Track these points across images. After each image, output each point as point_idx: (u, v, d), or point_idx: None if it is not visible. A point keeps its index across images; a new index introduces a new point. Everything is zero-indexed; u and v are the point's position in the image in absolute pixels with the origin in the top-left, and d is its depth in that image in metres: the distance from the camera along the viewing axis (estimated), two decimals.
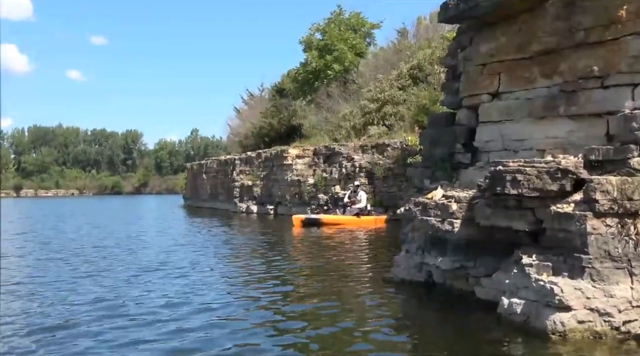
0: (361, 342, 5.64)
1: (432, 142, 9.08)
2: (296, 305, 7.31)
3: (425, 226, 7.68)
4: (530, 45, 7.33)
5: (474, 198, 7.14)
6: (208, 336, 5.74)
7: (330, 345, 5.61)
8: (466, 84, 8.33)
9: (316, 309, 7.04)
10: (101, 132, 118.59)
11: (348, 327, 6.17)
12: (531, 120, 7.34)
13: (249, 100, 45.38)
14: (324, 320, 6.51)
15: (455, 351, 5.40)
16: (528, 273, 5.78)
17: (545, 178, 6.04)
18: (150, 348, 5.38)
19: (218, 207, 34.30)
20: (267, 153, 29.06)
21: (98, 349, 5.33)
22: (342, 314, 6.75)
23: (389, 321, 6.50)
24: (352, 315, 6.74)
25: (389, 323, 6.39)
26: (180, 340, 5.62)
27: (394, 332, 6.10)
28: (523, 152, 7.35)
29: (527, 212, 6.28)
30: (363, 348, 5.43)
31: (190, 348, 5.34)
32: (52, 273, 9.78)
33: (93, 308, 6.95)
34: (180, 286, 8.38)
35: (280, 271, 9.81)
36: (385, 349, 5.45)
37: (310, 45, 34.87)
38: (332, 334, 5.94)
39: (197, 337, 5.71)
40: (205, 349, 5.30)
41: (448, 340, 5.86)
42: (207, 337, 5.72)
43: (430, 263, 7.72)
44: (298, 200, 25.31)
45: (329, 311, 6.88)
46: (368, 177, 22.16)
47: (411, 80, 26.09)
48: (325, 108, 30.25)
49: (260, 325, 6.26)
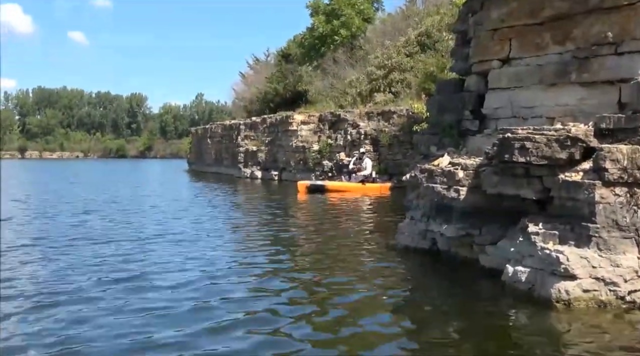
0: (362, 310, 5.58)
1: (440, 109, 8.96)
2: (298, 272, 7.28)
3: (431, 193, 7.63)
4: (543, 10, 7.14)
5: (481, 165, 7.07)
6: (206, 304, 5.66)
7: (330, 312, 5.53)
8: (476, 50, 8.15)
9: (319, 275, 7.01)
10: (105, 95, 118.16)
11: (349, 294, 6.12)
12: (541, 87, 7.20)
13: (254, 65, 45.03)
14: (325, 286, 6.50)
15: (458, 319, 5.41)
16: (534, 241, 5.74)
17: (555, 146, 5.95)
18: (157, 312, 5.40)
19: (222, 172, 34.32)
20: (272, 118, 28.90)
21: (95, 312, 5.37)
22: (343, 281, 6.71)
23: (392, 288, 6.49)
24: (354, 282, 6.70)
25: (392, 290, 6.37)
26: (182, 307, 5.56)
27: (396, 299, 6.10)
28: (532, 120, 7.23)
29: (535, 180, 6.21)
30: (364, 316, 5.35)
31: (193, 317, 5.23)
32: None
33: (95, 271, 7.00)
34: (185, 252, 8.27)
35: (284, 238, 9.81)
36: (386, 316, 5.44)
37: (317, 9, 34.37)
38: (333, 301, 5.88)
39: (196, 305, 5.64)
40: (203, 319, 5.17)
41: (452, 307, 5.86)
42: (205, 305, 5.63)
43: (434, 231, 7.69)
44: (302, 167, 25.28)
45: (330, 278, 6.86)
46: (373, 144, 22.06)
47: (419, 47, 25.76)
48: (331, 74, 29.95)
49: (260, 291, 6.23)
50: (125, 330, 4.78)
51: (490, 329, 5.08)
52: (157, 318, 5.16)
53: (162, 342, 4.53)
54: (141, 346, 4.43)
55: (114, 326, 4.88)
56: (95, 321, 5.00)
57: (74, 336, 4.63)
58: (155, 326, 4.93)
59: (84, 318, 5.10)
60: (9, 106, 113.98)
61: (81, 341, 4.53)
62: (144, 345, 4.47)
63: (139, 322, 5.01)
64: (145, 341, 4.56)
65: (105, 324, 4.94)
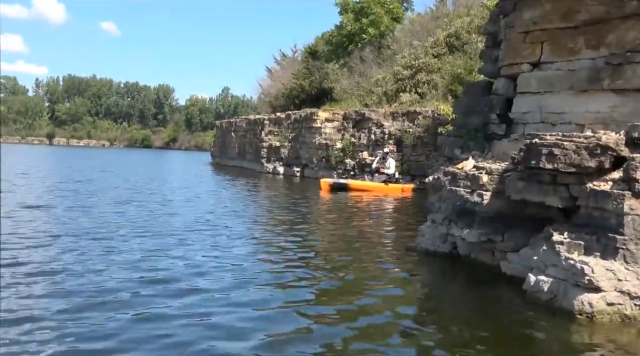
0: (379, 312, 5.52)
1: (466, 111, 8.81)
2: (317, 271, 7.20)
3: (454, 196, 7.50)
4: (577, 14, 6.95)
5: (507, 170, 6.92)
6: (224, 300, 5.66)
7: (346, 313, 5.48)
8: (506, 52, 7.99)
9: (337, 276, 6.95)
10: (134, 85, 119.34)
11: (366, 296, 6.05)
12: (572, 92, 7.01)
13: (281, 61, 45.05)
14: (343, 287, 6.44)
15: (477, 327, 5.27)
16: (558, 250, 5.60)
17: (584, 153, 5.79)
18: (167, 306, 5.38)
19: (245, 166, 34.40)
20: (297, 115, 28.85)
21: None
22: (361, 282, 6.65)
23: (410, 292, 6.40)
24: (372, 283, 6.62)
25: (410, 294, 6.29)
26: (197, 301, 5.58)
27: (414, 303, 6.01)
28: (561, 126, 7.05)
29: (562, 188, 6.05)
30: (381, 319, 5.30)
31: (206, 312, 5.26)
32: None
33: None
34: (207, 247, 8.27)
35: (306, 236, 9.73)
36: (404, 321, 5.34)
37: (346, 7, 34.21)
38: (350, 302, 5.82)
39: (208, 299, 5.67)
40: (218, 314, 5.21)
41: (470, 314, 5.74)
42: (224, 300, 5.64)
43: (455, 235, 7.57)
44: (325, 164, 25.20)
45: (349, 278, 6.81)
46: (397, 145, 21.88)
47: (447, 48, 25.49)
48: (358, 73, 29.81)
49: (276, 287, 6.22)
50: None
51: (510, 339, 4.96)
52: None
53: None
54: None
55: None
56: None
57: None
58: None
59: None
60: (39, 93, 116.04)
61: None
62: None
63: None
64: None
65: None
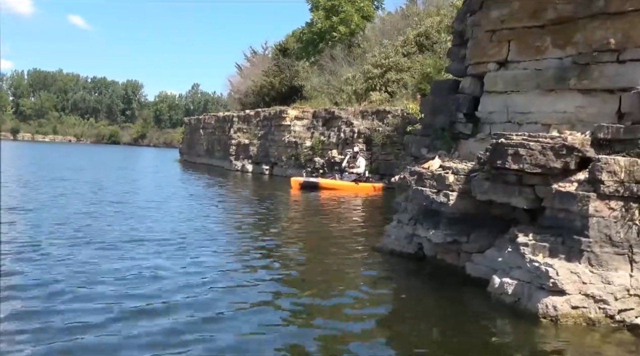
0: (340, 313, 5.41)
1: (433, 110, 8.68)
2: (280, 271, 7.05)
3: (420, 197, 7.38)
4: (545, 13, 6.85)
5: (473, 170, 6.83)
6: (184, 300, 5.51)
7: (307, 314, 5.40)
8: (473, 51, 7.87)
9: (301, 275, 6.84)
10: (102, 80, 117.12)
11: (329, 296, 5.97)
12: (539, 92, 6.92)
13: (251, 58, 44.60)
14: (306, 286, 6.30)
15: (441, 329, 5.18)
16: (523, 252, 5.51)
17: (549, 154, 5.71)
18: None
19: (213, 164, 33.95)
20: (266, 112, 28.55)
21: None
22: (325, 282, 6.55)
23: (374, 293, 6.25)
24: (336, 283, 6.52)
25: (374, 295, 6.14)
26: (164, 301, 5.42)
27: (377, 305, 5.88)
28: (528, 126, 6.97)
29: (527, 189, 5.97)
30: (342, 320, 5.19)
31: (162, 313, 5.11)
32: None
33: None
34: (173, 247, 7.98)
35: (273, 236, 9.57)
36: (366, 322, 5.21)
37: (317, 5, 34.03)
38: (312, 303, 5.74)
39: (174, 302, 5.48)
40: (180, 313, 5.08)
41: (434, 316, 5.66)
42: (183, 301, 5.48)
43: (421, 235, 7.45)
44: (294, 162, 24.98)
45: (312, 278, 6.69)
46: (366, 143, 21.78)
47: (417, 48, 25.54)
48: (328, 71, 29.64)
49: (238, 287, 6.05)
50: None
51: (473, 342, 4.82)
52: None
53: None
54: None
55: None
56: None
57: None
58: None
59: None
60: (3, 87, 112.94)
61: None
62: None
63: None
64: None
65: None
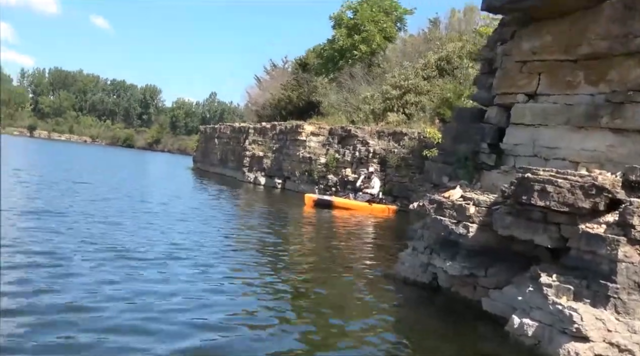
0: (351, 341, 5.25)
1: (456, 138, 8.53)
2: (290, 294, 6.88)
3: (438, 226, 7.20)
4: (579, 47, 6.72)
5: (495, 203, 6.64)
6: (188, 319, 5.36)
7: (318, 340, 5.24)
8: (501, 81, 7.74)
9: (311, 299, 6.66)
10: (121, 83, 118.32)
11: (339, 323, 5.80)
12: (569, 128, 6.76)
13: (271, 71, 44.74)
14: (316, 312, 6.15)
15: None
16: (545, 293, 5.30)
17: (578, 193, 5.52)
18: None
19: (226, 174, 33.90)
20: (282, 126, 28.50)
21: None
22: (336, 308, 6.37)
23: (385, 322, 6.08)
24: (347, 310, 6.35)
25: (384, 325, 5.97)
26: (164, 320, 5.28)
27: (388, 335, 5.69)
28: (554, 161, 6.80)
29: (552, 227, 5.78)
30: (352, 349, 5.03)
31: (172, 330, 5.00)
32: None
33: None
34: (181, 262, 7.86)
35: (284, 254, 9.40)
36: (376, 352, 5.04)
37: (340, 22, 34.13)
38: (322, 328, 5.59)
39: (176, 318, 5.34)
40: (181, 336, 4.94)
41: (448, 352, 5.43)
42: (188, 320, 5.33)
43: (437, 266, 7.26)
44: (307, 178, 24.85)
45: (323, 302, 6.51)
46: (381, 164, 21.60)
47: (437, 72, 25.44)
48: (347, 89, 29.61)
49: (248, 310, 5.89)
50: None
51: None
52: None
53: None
54: None
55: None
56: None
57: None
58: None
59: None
60: (24, 83, 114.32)
61: None
62: None
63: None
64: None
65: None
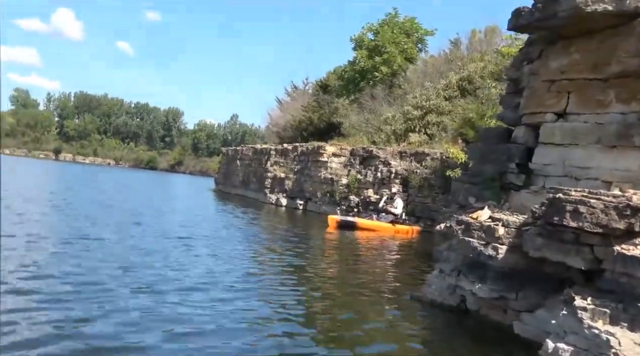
0: None
1: (482, 158, 8.42)
2: (317, 316, 6.82)
3: (466, 247, 7.07)
4: (609, 66, 6.62)
5: (525, 224, 6.51)
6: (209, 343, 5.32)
7: None
8: (529, 100, 7.65)
9: (338, 324, 6.55)
10: (144, 106, 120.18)
11: (366, 347, 5.72)
12: (600, 147, 6.64)
13: (292, 93, 45.07)
14: (344, 336, 6.05)
15: None
16: (580, 317, 5.15)
17: (612, 214, 5.38)
18: None
19: (248, 195, 33.98)
20: (304, 147, 28.56)
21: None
22: (362, 331, 6.27)
23: (414, 346, 5.97)
24: (373, 334, 6.24)
25: (414, 349, 5.86)
26: (187, 334, 5.27)
27: None
28: (586, 181, 6.66)
29: (585, 249, 5.63)
30: None
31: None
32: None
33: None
34: (201, 278, 7.95)
35: (310, 277, 9.27)
36: None
37: (361, 44, 34.34)
38: (347, 351, 5.51)
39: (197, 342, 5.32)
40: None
41: None
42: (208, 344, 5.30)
43: (465, 288, 7.13)
44: (329, 199, 24.78)
45: (351, 327, 6.40)
46: (403, 185, 21.48)
47: (459, 92, 25.40)
48: (368, 110, 29.65)
49: (275, 334, 5.84)
50: None
51: None
52: None
53: None
54: None
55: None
56: None
57: None
58: None
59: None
60: (50, 107, 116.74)
61: None
62: None
63: None
64: None
65: None
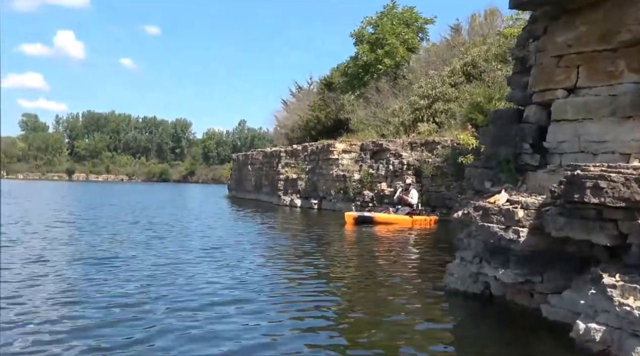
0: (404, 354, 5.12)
1: (495, 141, 8.26)
2: (340, 308, 6.82)
3: (485, 233, 6.92)
4: (617, 35, 6.43)
5: (545, 205, 6.35)
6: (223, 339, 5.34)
7: (367, 353, 5.15)
8: (538, 78, 7.48)
9: (360, 313, 6.55)
10: (152, 119, 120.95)
11: (391, 339, 5.63)
12: (615, 119, 6.46)
13: (296, 93, 45.09)
14: (365, 325, 6.07)
15: None
16: (610, 295, 4.99)
17: (634, 186, 5.22)
18: None
19: (262, 199, 34.02)
20: (313, 146, 28.51)
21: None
22: (387, 323, 6.22)
23: (439, 336, 5.88)
24: (398, 326, 6.15)
25: (438, 339, 5.76)
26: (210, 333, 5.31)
27: (449, 348, 5.51)
28: (603, 155, 6.49)
29: (609, 224, 5.46)
30: None
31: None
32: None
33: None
34: (225, 278, 8.15)
35: (334, 274, 9.25)
36: None
37: (361, 38, 34.20)
38: (373, 342, 5.46)
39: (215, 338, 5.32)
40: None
41: None
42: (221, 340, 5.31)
43: (488, 274, 6.98)
44: (343, 196, 24.71)
45: (371, 317, 6.41)
46: (416, 175, 21.36)
47: (464, 77, 25.20)
48: (374, 103, 29.55)
49: (295, 329, 5.78)
50: None
51: None
52: None
53: None
54: None
55: None
56: None
57: None
58: None
59: None
60: (59, 129, 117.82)
61: None
62: None
63: None
64: None
65: None
